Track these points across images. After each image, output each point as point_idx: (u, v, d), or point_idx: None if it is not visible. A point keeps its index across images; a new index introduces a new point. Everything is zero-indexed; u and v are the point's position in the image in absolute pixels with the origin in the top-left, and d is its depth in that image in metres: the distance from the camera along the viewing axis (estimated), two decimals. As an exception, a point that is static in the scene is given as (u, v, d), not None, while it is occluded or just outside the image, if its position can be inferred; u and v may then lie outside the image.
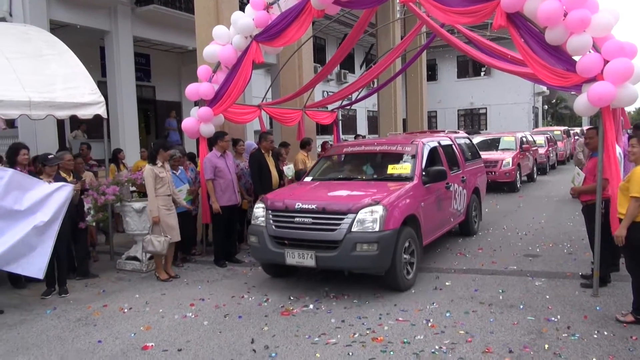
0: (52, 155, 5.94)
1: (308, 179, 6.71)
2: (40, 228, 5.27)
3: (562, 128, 24.30)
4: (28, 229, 5.21)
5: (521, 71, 6.40)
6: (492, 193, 12.16)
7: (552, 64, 4.93)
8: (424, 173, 6.12)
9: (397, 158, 6.48)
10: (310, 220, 5.22)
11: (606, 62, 4.60)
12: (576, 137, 26.04)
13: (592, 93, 4.60)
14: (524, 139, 14.98)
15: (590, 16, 4.60)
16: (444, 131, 8.59)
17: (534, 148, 15.78)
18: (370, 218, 5.02)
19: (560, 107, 41.60)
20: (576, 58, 4.82)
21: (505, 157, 13.25)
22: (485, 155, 12.74)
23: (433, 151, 6.85)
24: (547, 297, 5.02)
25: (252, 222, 5.80)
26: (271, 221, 5.51)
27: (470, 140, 9.11)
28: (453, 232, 7.90)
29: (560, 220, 9.11)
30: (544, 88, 30.41)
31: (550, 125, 32.71)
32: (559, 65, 4.91)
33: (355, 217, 5.03)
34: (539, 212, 10.09)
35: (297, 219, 5.30)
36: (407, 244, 5.37)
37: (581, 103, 4.81)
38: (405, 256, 5.33)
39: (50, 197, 5.43)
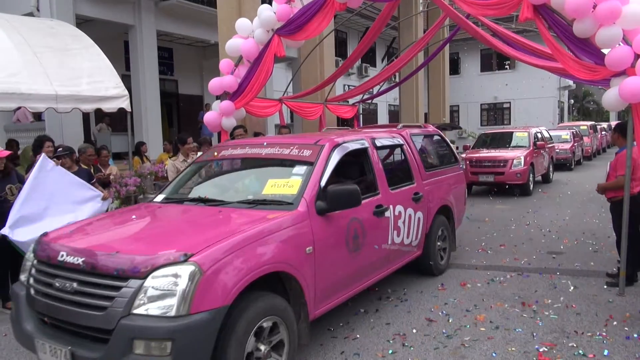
0: (61, 149, 6.05)
1: (159, 198, 4.44)
2: None
3: (589, 123, 23.70)
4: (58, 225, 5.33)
5: (548, 65, 6.26)
6: (501, 197, 11.61)
7: (580, 57, 4.82)
8: (322, 195, 3.77)
9: (287, 169, 4.19)
10: (74, 285, 2.95)
11: (637, 55, 4.46)
12: (603, 133, 25.58)
13: (624, 88, 4.48)
14: (539, 135, 13.43)
15: (621, 7, 4.46)
16: (395, 126, 5.96)
17: (550, 145, 14.34)
18: (168, 288, 2.74)
19: (587, 102, 40.65)
20: (605, 51, 4.69)
21: (516, 156, 11.72)
22: (493, 153, 12.19)
23: (354, 157, 4.61)
24: (571, 295, 4.93)
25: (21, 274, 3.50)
26: (32, 280, 3.27)
27: (443, 139, 6.71)
28: (471, 226, 7.78)
29: (585, 217, 8.91)
30: (570, 82, 29.75)
31: (577, 120, 32.01)
32: (587, 58, 4.79)
33: (141, 285, 2.76)
34: (563, 208, 9.90)
35: (57, 282, 3.04)
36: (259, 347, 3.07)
37: (611, 97, 4.68)
38: None
39: (86, 203, 5.58)
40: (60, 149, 5.95)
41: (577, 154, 18.78)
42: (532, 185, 11.97)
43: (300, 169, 4.02)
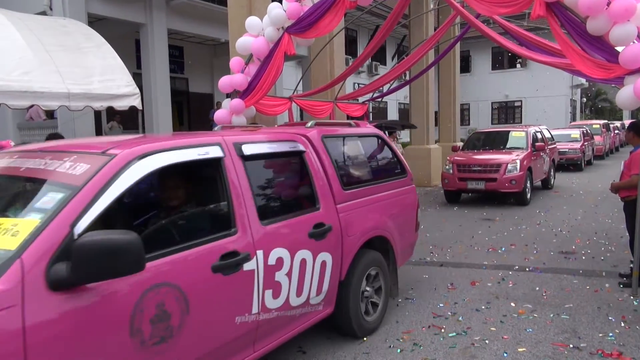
0: None
1: None
2: None
3: (602, 122, 23.37)
4: None
5: (560, 63, 6.20)
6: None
7: (593, 56, 4.76)
8: (67, 253, 2.08)
9: (38, 197, 2.44)
10: None
11: (652, 53, 4.40)
12: (616, 132, 25.28)
13: (639, 86, 4.42)
14: (538, 135, 11.89)
15: (635, 5, 4.40)
16: (304, 124, 4.33)
17: (551, 146, 12.96)
18: None
19: (600, 100, 40.21)
20: (619, 49, 4.63)
21: (511, 160, 10.21)
22: (484, 156, 10.78)
23: (196, 175, 3.19)
24: (583, 295, 4.89)
25: None
26: None
27: (384, 142, 4.81)
28: (483, 225, 7.73)
29: (597, 216, 8.82)
30: (583, 80, 29.44)
31: (589, 119, 31.66)
32: (600, 56, 4.74)
33: None
34: (575, 208, 9.80)
35: None
36: None
37: (625, 96, 4.62)
38: None
39: None
40: None
41: (588, 154, 18.25)
42: (529, 193, 10.50)
43: (50, 200, 2.28)
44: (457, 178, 10.50)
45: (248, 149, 3.22)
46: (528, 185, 10.42)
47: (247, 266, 2.91)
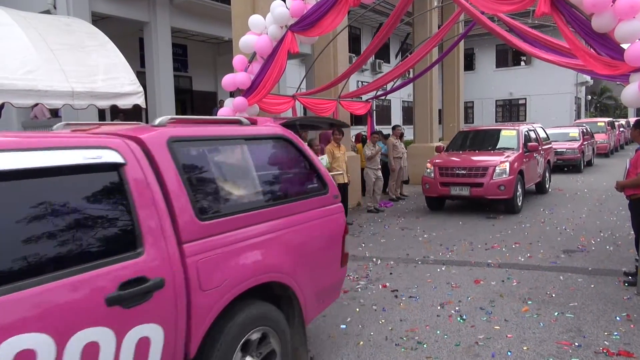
0: None
1: None
2: None
3: (606, 119, 23.06)
4: None
5: (565, 60, 6.17)
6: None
7: (599, 53, 4.74)
8: None
9: None
10: None
11: (658, 50, 4.37)
12: (621, 130, 25.14)
13: (645, 83, 4.40)
14: (532, 135, 10.76)
15: (641, 2, 4.38)
16: (156, 128, 2.66)
17: (546, 146, 11.73)
18: None
19: (605, 98, 40.02)
20: (624, 46, 4.61)
21: (500, 162, 9.06)
22: (470, 158, 9.69)
23: None
24: (588, 294, 4.86)
25: None
26: None
27: (293, 146, 3.49)
28: (489, 224, 7.71)
29: (602, 215, 8.78)
30: (588, 78, 29.35)
31: (594, 117, 31.52)
32: (605, 53, 4.71)
33: None
34: (579, 206, 9.76)
35: None
36: None
37: (630, 93, 4.59)
38: None
39: None
40: None
41: (588, 154, 17.05)
42: (520, 200, 9.38)
43: None
44: (439, 183, 9.34)
45: None
46: (519, 190, 9.30)
47: None
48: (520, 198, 9.41)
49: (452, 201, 10.21)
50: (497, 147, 10.06)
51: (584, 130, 17.23)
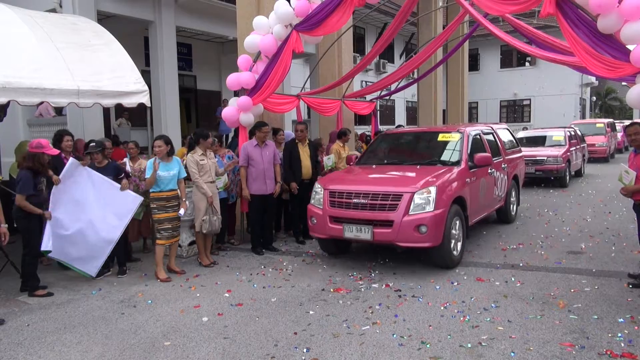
0: (93, 144, 6.14)
1: None
2: (105, 236, 5.71)
3: (606, 120, 21.57)
4: (96, 235, 5.66)
5: (569, 61, 6.16)
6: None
7: (603, 54, 4.72)
8: None
9: None
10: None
11: (663, 51, 4.36)
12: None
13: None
14: (484, 140, 7.38)
15: (647, 3, 4.36)
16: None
17: (510, 156, 8.35)
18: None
19: (610, 99, 39.85)
20: (630, 47, 4.59)
21: (419, 187, 5.57)
22: (378, 178, 6.29)
23: None
24: (592, 295, 4.85)
25: None
26: None
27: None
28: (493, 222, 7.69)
29: (607, 216, 8.75)
30: (592, 79, 29.24)
31: (598, 118, 31.37)
32: (610, 54, 4.70)
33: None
34: (584, 207, 9.73)
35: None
36: None
37: (635, 94, 4.59)
38: None
39: (123, 205, 5.83)
40: (93, 143, 6.09)
41: (576, 162, 13.79)
42: (458, 248, 5.94)
43: None
44: (329, 217, 5.92)
45: None
46: (456, 231, 5.87)
47: None
48: (459, 244, 5.95)
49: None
50: (429, 160, 6.71)
51: (571, 133, 14.15)
